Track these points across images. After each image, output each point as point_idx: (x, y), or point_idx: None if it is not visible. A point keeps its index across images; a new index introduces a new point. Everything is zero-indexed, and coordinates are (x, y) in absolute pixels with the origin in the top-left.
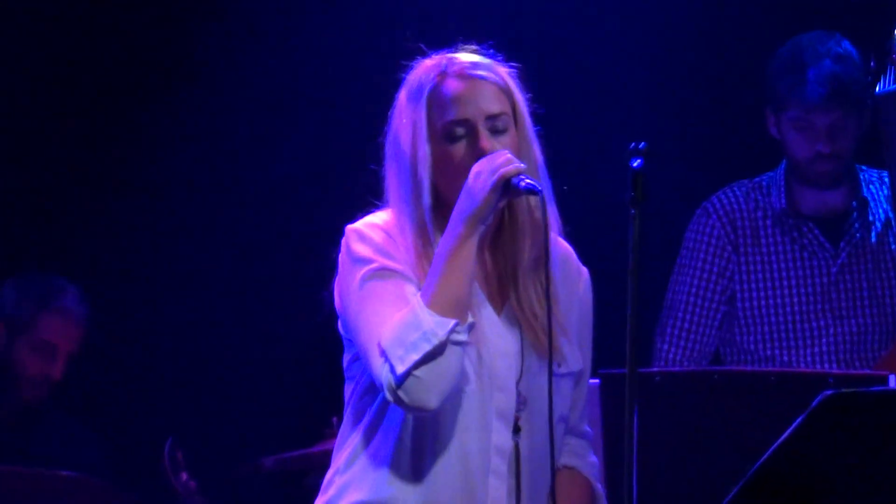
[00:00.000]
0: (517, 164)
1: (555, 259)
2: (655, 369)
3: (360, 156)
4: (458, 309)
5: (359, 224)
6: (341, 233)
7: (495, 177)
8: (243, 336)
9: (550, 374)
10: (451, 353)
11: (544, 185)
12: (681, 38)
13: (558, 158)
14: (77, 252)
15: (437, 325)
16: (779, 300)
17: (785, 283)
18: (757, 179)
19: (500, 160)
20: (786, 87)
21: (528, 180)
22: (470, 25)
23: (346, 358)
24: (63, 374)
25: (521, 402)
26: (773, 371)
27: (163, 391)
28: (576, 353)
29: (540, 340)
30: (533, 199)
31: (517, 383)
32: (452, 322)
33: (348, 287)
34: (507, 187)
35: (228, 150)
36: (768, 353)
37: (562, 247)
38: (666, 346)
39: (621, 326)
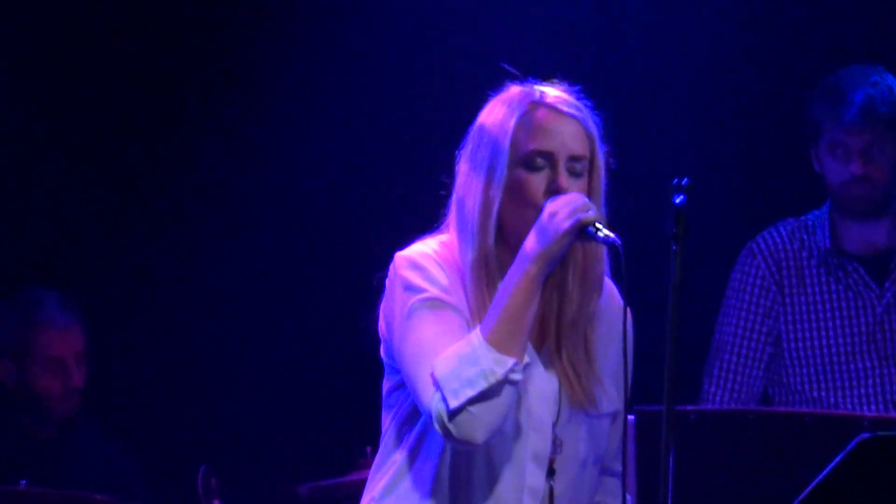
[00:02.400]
0: (593, 212)
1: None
2: (690, 407)
3: (402, 183)
4: (517, 347)
5: (409, 251)
6: (380, 259)
7: (571, 220)
8: (279, 363)
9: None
10: (506, 391)
11: (604, 219)
12: (727, 75)
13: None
14: (114, 274)
15: (496, 363)
16: (823, 341)
17: (829, 323)
18: (803, 218)
19: (578, 203)
20: (823, 112)
21: (605, 231)
22: (510, 55)
23: (387, 385)
24: (84, 377)
25: (558, 446)
26: (807, 413)
27: (198, 417)
28: (611, 394)
29: (575, 390)
30: (595, 250)
31: (554, 426)
32: (511, 361)
33: (398, 314)
34: (580, 233)
35: (269, 172)
36: (814, 394)
37: (608, 285)
38: (713, 388)
39: (658, 363)
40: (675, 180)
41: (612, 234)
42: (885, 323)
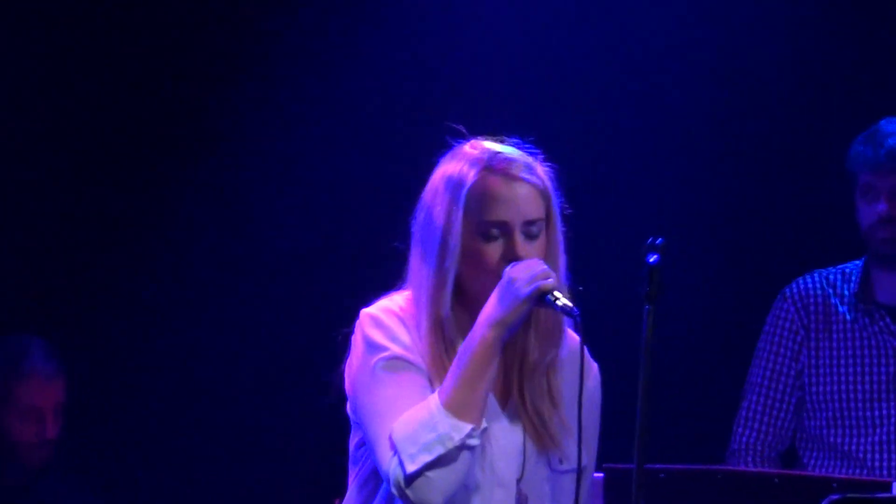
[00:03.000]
0: (552, 279)
1: (564, 354)
2: (660, 466)
3: (374, 236)
4: (475, 413)
5: (374, 309)
6: (350, 314)
7: (530, 288)
8: (249, 415)
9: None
10: (463, 457)
11: (563, 285)
12: (709, 136)
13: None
14: (89, 322)
15: (453, 429)
16: (843, 385)
17: (851, 368)
18: (842, 266)
19: (536, 271)
20: (856, 159)
21: (563, 300)
22: (487, 110)
23: (353, 441)
24: (59, 429)
25: (522, 500)
26: (776, 472)
27: (168, 469)
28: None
29: (542, 440)
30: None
31: (518, 482)
32: (469, 427)
33: (361, 373)
34: (539, 299)
35: (236, 225)
36: (831, 440)
37: (572, 340)
38: (741, 430)
39: (629, 421)
40: (650, 239)
41: (569, 304)
42: None
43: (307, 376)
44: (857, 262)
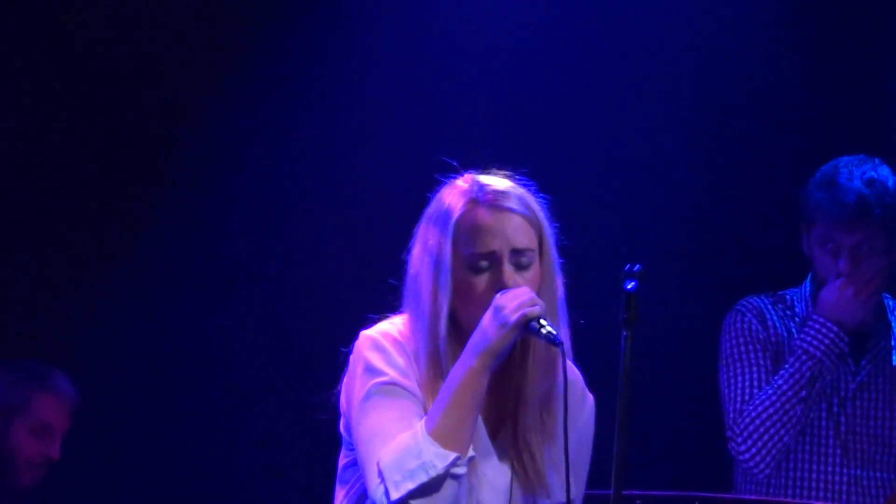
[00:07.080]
0: (539, 307)
1: (562, 387)
2: (637, 492)
3: (373, 258)
4: (461, 442)
5: (374, 332)
6: (342, 333)
7: (516, 315)
8: (237, 434)
9: None
10: (447, 485)
11: (562, 318)
12: (680, 160)
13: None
14: (83, 347)
15: (437, 457)
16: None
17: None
18: (780, 293)
19: (522, 299)
20: (815, 204)
21: (548, 328)
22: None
23: (344, 461)
24: (59, 453)
25: None
26: (752, 499)
27: (153, 484)
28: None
29: (529, 477)
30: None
31: None
32: (453, 456)
33: (356, 395)
34: (525, 327)
35: (237, 244)
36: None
37: (573, 373)
38: (744, 441)
39: (607, 446)
40: (627, 266)
41: (554, 331)
42: (857, 400)
43: (296, 397)
44: (795, 290)
